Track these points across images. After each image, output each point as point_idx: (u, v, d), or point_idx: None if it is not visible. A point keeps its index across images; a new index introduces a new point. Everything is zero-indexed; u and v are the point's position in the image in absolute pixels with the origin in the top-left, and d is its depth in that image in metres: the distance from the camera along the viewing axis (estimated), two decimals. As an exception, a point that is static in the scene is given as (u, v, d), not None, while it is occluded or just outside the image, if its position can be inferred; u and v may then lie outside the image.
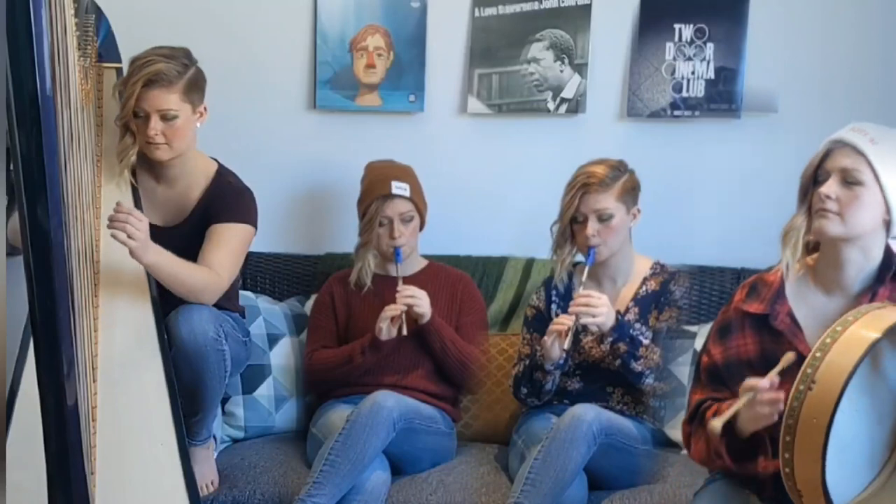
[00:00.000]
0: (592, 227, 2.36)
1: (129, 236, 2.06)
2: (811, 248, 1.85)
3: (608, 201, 2.36)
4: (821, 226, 1.73)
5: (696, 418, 1.84)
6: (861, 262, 1.75)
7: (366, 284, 2.58)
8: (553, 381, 2.41)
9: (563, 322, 2.30)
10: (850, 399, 1.58)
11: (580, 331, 2.37)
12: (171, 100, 2.28)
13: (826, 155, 1.76)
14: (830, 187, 1.71)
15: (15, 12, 1.21)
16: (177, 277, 2.21)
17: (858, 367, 1.54)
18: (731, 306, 1.88)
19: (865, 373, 1.59)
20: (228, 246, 2.32)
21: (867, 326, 1.59)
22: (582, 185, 2.37)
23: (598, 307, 2.28)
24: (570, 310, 2.32)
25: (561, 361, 2.37)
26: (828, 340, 1.59)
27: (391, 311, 2.42)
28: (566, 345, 2.28)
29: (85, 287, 2.02)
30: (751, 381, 1.64)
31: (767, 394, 1.62)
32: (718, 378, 1.83)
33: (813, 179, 1.78)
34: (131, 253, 2.09)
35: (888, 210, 1.72)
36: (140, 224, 2.08)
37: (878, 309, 1.64)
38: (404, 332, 2.43)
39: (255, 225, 2.40)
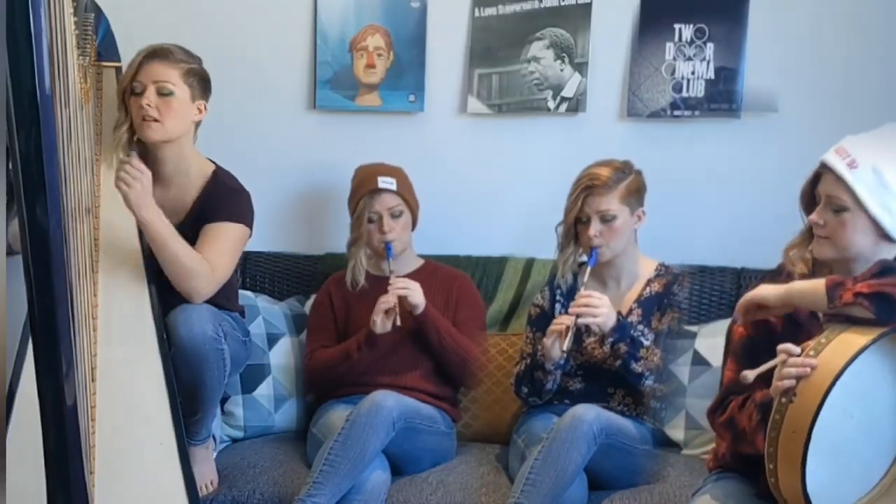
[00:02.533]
0: (595, 228, 2.36)
1: (126, 184, 2.08)
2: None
3: (611, 203, 2.36)
4: (815, 250, 1.81)
5: (719, 409, 1.87)
6: None
7: (359, 283, 2.58)
8: (554, 381, 2.41)
9: (563, 322, 2.30)
10: (840, 405, 1.57)
11: (583, 331, 2.38)
12: (169, 74, 2.30)
13: (818, 176, 1.81)
14: (819, 214, 1.78)
15: (14, 12, 1.21)
16: (168, 248, 2.20)
17: (839, 379, 1.55)
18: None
19: (862, 378, 1.59)
20: (222, 244, 2.32)
21: (850, 339, 1.59)
22: (586, 187, 2.37)
23: (599, 307, 2.29)
24: (570, 310, 2.32)
25: (562, 362, 2.37)
26: (812, 353, 1.60)
27: (384, 303, 2.42)
28: (566, 345, 2.28)
29: (84, 287, 2.02)
30: (787, 346, 1.65)
31: (797, 360, 1.61)
32: (752, 351, 1.83)
33: (810, 200, 1.83)
34: (126, 201, 2.09)
35: (882, 228, 1.74)
36: (138, 174, 2.10)
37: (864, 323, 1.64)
38: (398, 322, 2.42)
39: (250, 226, 2.40)
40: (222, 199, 2.38)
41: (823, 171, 1.79)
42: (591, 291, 2.33)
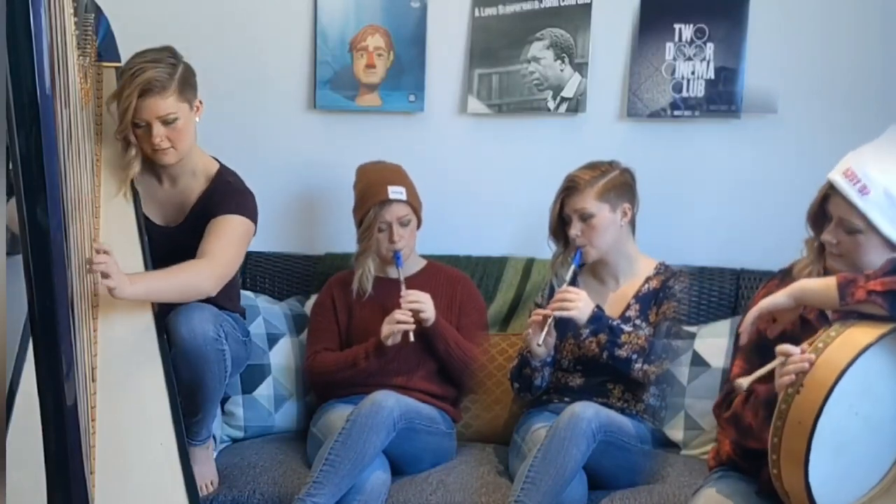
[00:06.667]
0: (576, 227, 2.42)
1: (103, 275, 1.99)
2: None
3: (586, 201, 2.40)
4: (830, 266, 1.82)
5: (724, 404, 1.87)
6: None
7: (367, 291, 2.57)
8: (542, 378, 2.44)
9: (539, 313, 2.35)
10: (848, 402, 1.58)
11: (569, 330, 2.41)
12: (168, 104, 2.28)
13: (826, 196, 1.81)
14: (832, 233, 1.80)
15: (14, 12, 1.21)
16: (167, 294, 2.19)
17: (847, 372, 1.55)
18: (765, 290, 1.90)
19: (869, 375, 1.59)
20: (227, 236, 2.31)
21: (860, 333, 1.59)
22: (565, 188, 2.44)
23: (573, 301, 2.32)
24: (548, 306, 2.37)
25: (548, 359, 2.42)
26: (820, 345, 1.60)
27: (401, 321, 2.40)
28: (540, 339, 2.32)
29: (84, 287, 2.02)
30: (784, 347, 1.65)
31: (795, 357, 1.62)
32: (760, 347, 1.83)
33: (817, 218, 1.84)
34: (111, 294, 2.02)
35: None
36: (107, 259, 2.00)
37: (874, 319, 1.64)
38: (411, 338, 2.42)
39: (254, 222, 2.40)
40: (226, 196, 2.38)
41: (832, 192, 1.79)
42: (570, 287, 2.38)
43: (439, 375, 2.56)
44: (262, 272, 2.91)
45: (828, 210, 1.81)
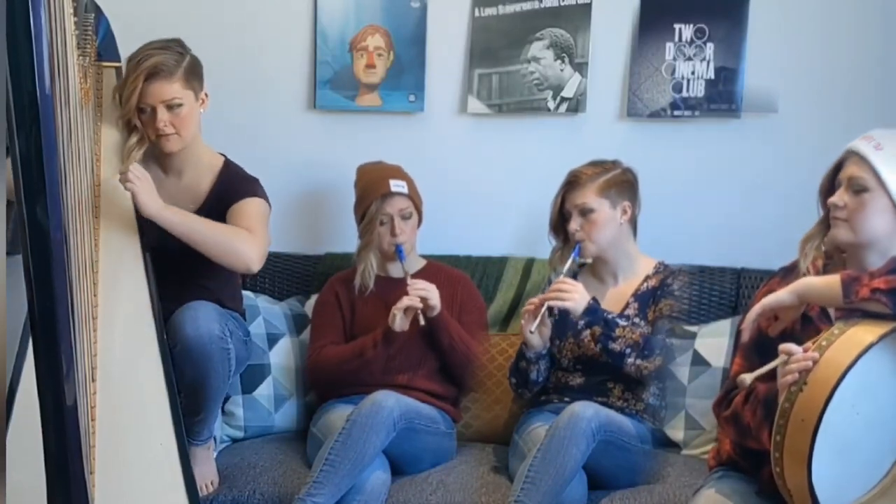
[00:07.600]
0: (575, 221, 2.43)
1: (134, 184, 2.14)
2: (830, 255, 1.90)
3: (587, 196, 2.42)
4: (832, 234, 1.82)
5: (724, 402, 1.87)
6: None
7: (369, 286, 2.57)
8: (538, 372, 2.44)
9: (532, 302, 2.37)
10: (850, 401, 1.57)
11: (568, 326, 2.42)
12: (174, 89, 2.30)
13: (840, 164, 1.82)
14: (839, 196, 1.80)
15: (14, 12, 1.21)
16: (206, 239, 2.23)
17: (851, 370, 1.55)
18: (767, 288, 1.90)
19: (871, 374, 1.59)
20: (254, 217, 2.35)
21: (863, 332, 1.59)
22: (566, 183, 2.46)
23: (569, 292, 2.33)
24: (542, 296, 2.38)
25: (544, 352, 2.42)
26: (823, 343, 1.60)
27: (408, 302, 2.41)
28: (533, 327, 2.34)
29: (84, 287, 2.01)
30: (787, 345, 1.65)
31: (798, 356, 1.62)
32: (761, 346, 1.82)
33: (830, 189, 1.84)
34: (138, 200, 2.15)
35: None
36: (142, 175, 2.17)
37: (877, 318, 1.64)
38: (421, 322, 2.42)
39: (269, 204, 2.44)
40: (240, 183, 2.43)
41: (847, 156, 1.81)
42: (566, 279, 2.39)
43: (441, 374, 2.56)
44: (262, 272, 2.85)
45: (838, 181, 1.82)
